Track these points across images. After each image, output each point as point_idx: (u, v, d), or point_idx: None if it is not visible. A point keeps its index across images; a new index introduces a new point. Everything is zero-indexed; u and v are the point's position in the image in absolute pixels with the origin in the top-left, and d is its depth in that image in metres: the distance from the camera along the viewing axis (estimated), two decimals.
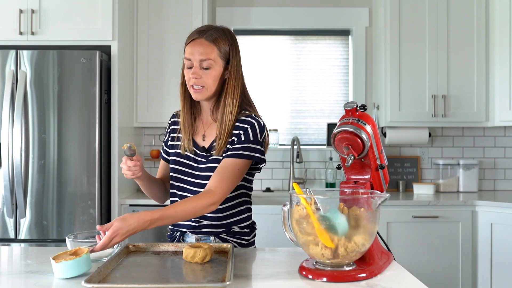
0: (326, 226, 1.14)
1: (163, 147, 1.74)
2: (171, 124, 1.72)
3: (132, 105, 3.25)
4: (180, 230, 1.64)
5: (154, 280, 1.14)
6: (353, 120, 1.30)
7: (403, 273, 1.26)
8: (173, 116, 1.73)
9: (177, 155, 1.64)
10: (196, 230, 1.60)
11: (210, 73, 1.53)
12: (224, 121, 1.54)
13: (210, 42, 1.52)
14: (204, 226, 1.60)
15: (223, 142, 1.54)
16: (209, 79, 1.53)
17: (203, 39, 1.52)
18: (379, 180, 1.37)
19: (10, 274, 1.26)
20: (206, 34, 1.53)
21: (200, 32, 1.55)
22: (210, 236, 1.61)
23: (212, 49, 1.52)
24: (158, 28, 3.27)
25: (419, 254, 3.01)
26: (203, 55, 1.51)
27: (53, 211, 2.78)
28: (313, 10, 3.63)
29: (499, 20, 3.24)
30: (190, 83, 1.54)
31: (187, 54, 1.54)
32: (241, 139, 1.54)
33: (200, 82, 1.53)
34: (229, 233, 1.62)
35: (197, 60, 1.52)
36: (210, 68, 1.52)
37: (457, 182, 3.49)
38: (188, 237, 1.63)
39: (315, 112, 3.70)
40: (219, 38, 1.54)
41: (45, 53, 2.78)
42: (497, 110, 3.26)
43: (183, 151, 1.62)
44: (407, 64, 3.31)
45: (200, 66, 1.52)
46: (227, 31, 1.58)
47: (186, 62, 1.55)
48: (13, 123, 2.74)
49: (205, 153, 1.59)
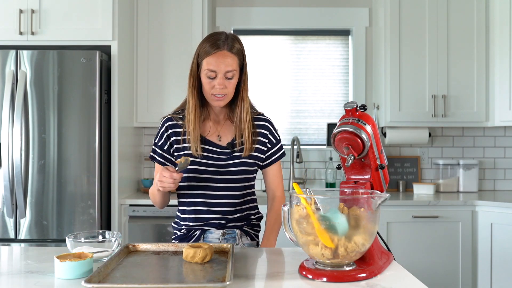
0: (326, 226, 1.14)
1: (156, 150, 1.73)
2: (169, 127, 1.71)
3: (132, 105, 3.25)
4: (202, 228, 1.68)
5: (154, 280, 1.14)
6: (353, 120, 1.30)
7: (403, 273, 1.26)
8: (169, 120, 1.72)
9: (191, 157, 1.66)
10: (224, 225, 1.69)
11: (232, 82, 1.62)
12: (245, 122, 1.66)
13: (233, 54, 1.60)
14: (230, 220, 1.69)
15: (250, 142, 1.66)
16: (231, 87, 1.62)
17: (226, 51, 1.59)
18: (379, 180, 1.37)
19: (10, 274, 1.26)
20: (226, 45, 1.59)
21: (220, 43, 1.59)
22: (235, 229, 1.69)
23: (234, 60, 1.60)
24: (158, 28, 3.27)
25: (419, 254, 3.01)
26: (229, 67, 1.59)
27: (53, 211, 2.78)
28: (313, 10, 3.63)
29: (499, 20, 3.24)
30: (213, 92, 1.61)
31: (212, 66, 1.58)
32: (272, 142, 1.74)
33: (224, 91, 1.61)
34: (249, 226, 1.74)
35: (222, 72, 1.58)
36: (233, 78, 1.62)
37: (457, 182, 3.49)
38: (211, 233, 1.68)
39: (315, 112, 3.70)
40: (237, 47, 1.62)
41: (45, 53, 2.78)
42: (497, 110, 3.26)
43: (194, 151, 1.64)
44: (407, 64, 3.31)
45: (224, 77, 1.59)
46: (237, 37, 1.66)
47: (209, 73, 1.59)
48: (13, 123, 2.74)
49: (230, 149, 1.67)
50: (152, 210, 2.95)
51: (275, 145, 1.75)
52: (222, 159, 1.66)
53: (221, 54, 1.58)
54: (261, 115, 1.76)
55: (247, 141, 1.66)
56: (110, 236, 1.42)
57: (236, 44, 1.61)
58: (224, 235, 1.67)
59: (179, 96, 3.34)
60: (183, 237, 1.70)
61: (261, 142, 1.71)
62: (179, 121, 1.70)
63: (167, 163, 1.71)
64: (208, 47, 1.59)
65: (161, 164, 1.72)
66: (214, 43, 1.59)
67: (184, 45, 3.26)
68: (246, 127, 1.66)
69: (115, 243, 1.39)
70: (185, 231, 1.70)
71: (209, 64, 1.58)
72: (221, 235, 1.67)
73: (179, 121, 1.70)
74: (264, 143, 1.72)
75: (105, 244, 1.39)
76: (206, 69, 1.59)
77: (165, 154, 1.71)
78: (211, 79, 1.59)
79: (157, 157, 1.73)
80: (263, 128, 1.72)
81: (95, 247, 1.36)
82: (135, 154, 3.41)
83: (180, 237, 1.71)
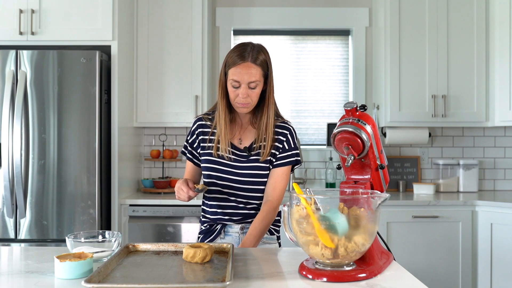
0: (326, 226, 1.14)
1: (187, 147, 1.86)
2: (198, 127, 1.83)
3: (132, 105, 3.26)
4: (222, 223, 1.79)
5: (154, 280, 1.14)
6: (353, 120, 1.30)
7: (403, 273, 1.26)
8: (199, 120, 1.85)
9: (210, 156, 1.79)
10: (241, 220, 1.78)
11: (255, 91, 1.70)
12: (268, 129, 1.75)
13: (257, 65, 1.68)
14: (248, 215, 1.78)
15: (269, 148, 1.75)
16: (254, 96, 1.71)
17: (250, 63, 1.67)
18: (379, 180, 1.37)
19: (10, 274, 1.26)
20: (250, 57, 1.67)
21: (245, 55, 1.68)
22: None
23: (257, 71, 1.68)
24: (158, 28, 3.27)
25: (419, 254, 3.01)
26: (252, 78, 1.67)
27: (53, 211, 2.78)
28: (313, 10, 3.63)
29: (499, 20, 3.24)
30: (238, 101, 1.70)
31: (235, 76, 1.67)
32: (285, 148, 1.78)
33: (247, 100, 1.70)
34: None
35: (245, 82, 1.67)
36: (256, 88, 1.70)
37: (457, 182, 3.49)
38: (231, 227, 1.79)
39: (315, 112, 3.70)
40: (261, 59, 1.70)
41: (45, 53, 2.78)
42: (497, 110, 3.26)
43: (215, 152, 1.76)
44: (407, 64, 3.31)
45: (248, 87, 1.68)
46: (263, 48, 1.74)
47: (233, 83, 1.68)
48: (13, 123, 2.74)
49: (246, 153, 1.77)
50: (152, 210, 2.95)
51: (287, 151, 1.79)
52: (240, 160, 1.77)
53: (245, 66, 1.66)
54: (284, 123, 1.82)
55: (268, 147, 1.75)
56: (110, 236, 1.42)
57: (260, 56, 1.69)
58: (243, 229, 1.78)
59: (179, 96, 3.36)
60: (207, 231, 1.82)
61: (275, 147, 1.78)
62: (208, 121, 1.82)
63: (195, 160, 1.84)
64: (234, 58, 1.68)
65: (190, 160, 1.86)
66: (239, 54, 1.68)
67: (184, 45, 3.26)
68: (269, 134, 1.75)
69: (115, 243, 1.39)
70: (208, 225, 1.83)
71: (234, 75, 1.67)
72: (240, 229, 1.78)
73: (208, 122, 1.82)
74: (278, 148, 1.79)
75: (105, 244, 1.39)
76: (231, 79, 1.69)
77: (193, 152, 1.84)
78: (236, 88, 1.69)
79: (188, 153, 1.86)
80: (282, 135, 1.79)
81: (95, 247, 1.36)
82: (135, 154, 3.41)
83: (205, 231, 1.83)
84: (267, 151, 1.75)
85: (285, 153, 1.79)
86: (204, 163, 1.81)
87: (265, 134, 1.76)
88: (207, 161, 1.79)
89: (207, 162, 1.79)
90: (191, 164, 1.88)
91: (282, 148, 1.79)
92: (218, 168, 1.78)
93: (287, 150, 1.79)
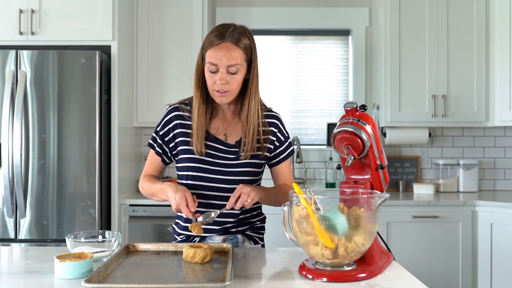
0: (326, 226, 1.14)
1: (157, 139, 1.61)
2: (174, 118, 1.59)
3: (132, 105, 3.25)
4: (201, 235, 1.57)
5: (154, 280, 1.14)
6: (353, 120, 1.30)
7: (403, 273, 1.26)
8: (175, 109, 1.60)
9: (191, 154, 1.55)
10: (223, 232, 1.58)
11: (236, 77, 1.48)
12: (253, 123, 1.54)
13: (238, 47, 1.46)
14: (232, 226, 1.58)
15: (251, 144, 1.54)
16: (235, 83, 1.49)
17: (230, 43, 1.45)
18: (379, 180, 1.37)
19: (10, 274, 1.26)
20: (231, 37, 1.45)
21: (224, 34, 1.46)
22: (237, 235, 1.60)
23: (238, 54, 1.46)
24: (158, 28, 3.27)
25: (419, 254, 3.01)
26: (231, 61, 1.45)
27: (53, 211, 2.78)
28: (313, 10, 3.63)
29: (499, 20, 3.24)
30: (215, 88, 1.48)
31: (212, 59, 1.45)
32: (280, 139, 1.65)
33: (226, 87, 1.48)
34: (252, 229, 1.64)
35: (224, 66, 1.45)
36: (237, 73, 1.48)
37: (457, 182, 3.49)
38: (211, 240, 1.57)
39: (315, 112, 3.70)
40: (244, 42, 1.48)
41: (45, 53, 2.78)
42: (497, 110, 3.26)
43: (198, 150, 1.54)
44: (407, 64, 3.31)
45: (227, 71, 1.46)
46: (247, 30, 1.52)
47: (210, 67, 1.47)
48: (13, 123, 2.74)
49: (236, 149, 1.57)
50: (152, 210, 2.95)
51: (283, 142, 1.65)
52: (228, 158, 1.56)
53: (223, 46, 1.44)
54: (269, 111, 1.65)
55: (249, 143, 1.53)
56: (110, 236, 1.42)
57: (243, 38, 1.47)
58: (225, 241, 1.57)
59: (179, 96, 3.34)
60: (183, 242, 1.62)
61: (269, 141, 1.61)
62: (186, 112, 1.59)
63: (164, 156, 1.61)
64: (212, 38, 1.46)
65: (158, 154, 1.61)
66: (219, 34, 1.45)
67: (184, 45, 3.26)
68: (252, 128, 1.54)
69: (115, 243, 1.39)
70: (184, 237, 1.60)
71: (211, 57, 1.45)
72: (222, 242, 1.57)
73: (185, 112, 1.59)
74: (272, 141, 1.62)
75: (105, 244, 1.39)
76: (207, 62, 1.47)
77: (163, 146, 1.60)
78: (213, 74, 1.47)
79: (157, 147, 1.61)
80: (272, 126, 1.63)
81: (95, 247, 1.36)
82: (135, 154, 3.41)
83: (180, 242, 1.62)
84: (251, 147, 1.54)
85: (282, 146, 1.65)
86: (183, 162, 1.56)
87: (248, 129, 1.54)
88: (187, 159, 1.55)
89: (187, 161, 1.55)
90: (159, 160, 1.62)
91: (278, 141, 1.63)
92: (202, 167, 1.54)
93: (284, 142, 1.65)
